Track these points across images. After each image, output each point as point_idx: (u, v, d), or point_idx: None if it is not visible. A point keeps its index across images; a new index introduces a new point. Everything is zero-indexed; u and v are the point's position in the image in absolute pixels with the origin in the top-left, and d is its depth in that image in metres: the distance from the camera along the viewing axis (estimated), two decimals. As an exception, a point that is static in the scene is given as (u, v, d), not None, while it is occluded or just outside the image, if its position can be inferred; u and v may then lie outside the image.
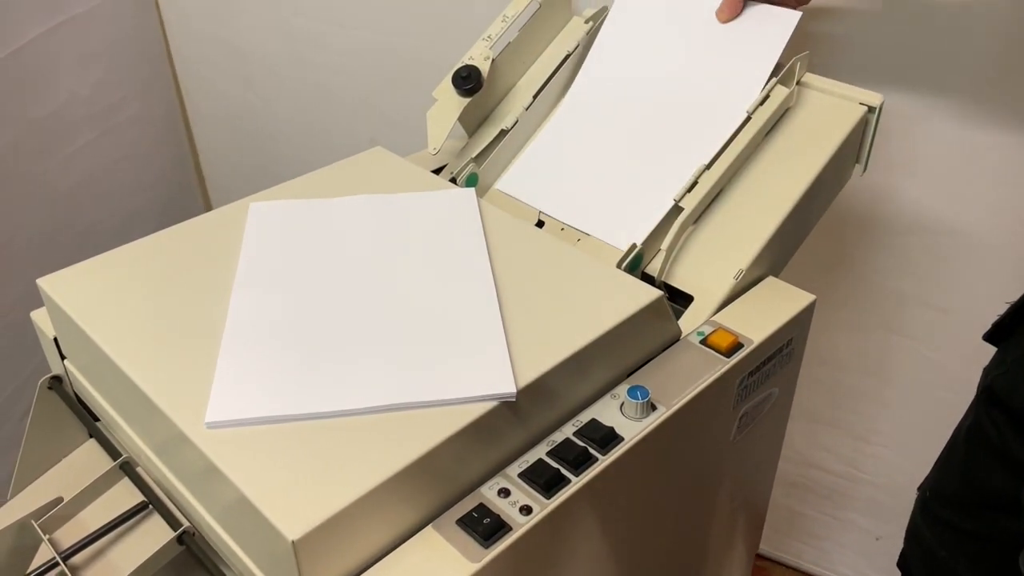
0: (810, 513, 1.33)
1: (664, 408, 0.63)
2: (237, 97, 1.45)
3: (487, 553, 0.53)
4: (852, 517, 1.29)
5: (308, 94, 1.38)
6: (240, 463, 0.52)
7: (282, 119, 1.44)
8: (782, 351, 0.73)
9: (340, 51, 1.31)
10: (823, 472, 1.28)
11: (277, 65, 1.38)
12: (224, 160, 1.56)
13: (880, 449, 1.22)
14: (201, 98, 1.50)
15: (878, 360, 1.14)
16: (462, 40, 0.88)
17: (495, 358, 0.59)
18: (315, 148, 1.43)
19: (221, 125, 1.52)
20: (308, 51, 1.33)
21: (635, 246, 0.74)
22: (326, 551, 0.50)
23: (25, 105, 1.12)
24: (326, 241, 0.72)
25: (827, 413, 1.22)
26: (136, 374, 0.59)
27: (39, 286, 0.68)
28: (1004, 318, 0.74)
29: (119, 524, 0.62)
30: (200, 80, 1.48)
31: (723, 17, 0.85)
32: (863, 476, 1.25)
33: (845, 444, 1.24)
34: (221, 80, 1.45)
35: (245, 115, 1.47)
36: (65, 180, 1.21)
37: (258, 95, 1.44)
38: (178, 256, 0.71)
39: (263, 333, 0.62)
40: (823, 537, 1.34)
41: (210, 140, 1.55)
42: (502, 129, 0.88)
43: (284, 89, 1.40)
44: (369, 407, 0.56)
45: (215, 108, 1.50)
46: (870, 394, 1.18)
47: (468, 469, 0.57)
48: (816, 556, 1.36)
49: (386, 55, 1.27)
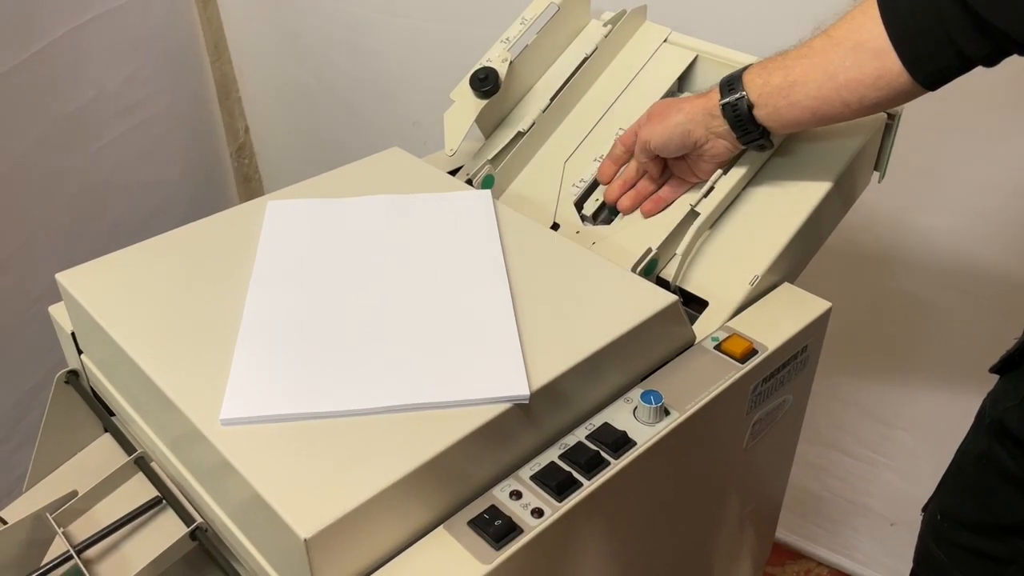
0: (826, 495, 1.32)
1: (677, 413, 0.63)
2: (289, 78, 1.51)
3: (498, 555, 0.53)
4: (868, 502, 1.28)
5: (356, 77, 1.42)
6: (254, 460, 0.53)
7: (331, 100, 1.48)
8: (797, 358, 0.73)
9: (388, 37, 1.35)
10: (842, 454, 1.27)
11: (328, 50, 1.43)
12: (275, 137, 1.62)
13: (901, 434, 1.20)
14: (253, 79, 1.55)
15: (903, 341, 1.14)
16: (505, 27, 0.89)
17: (509, 360, 0.59)
18: (361, 129, 1.47)
19: (272, 105, 1.57)
20: (358, 37, 1.38)
21: (650, 250, 0.74)
22: (338, 549, 0.50)
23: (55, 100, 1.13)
24: (342, 240, 0.72)
25: (850, 393, 1.21)
26: (152, 370, 0.59)
27: (58, 280, 0.69)
28: (1013, 351, 0.73)
29: (133, 519, 0.62)
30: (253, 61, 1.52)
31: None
32: (882, 460, 1.24)
33: (866, 426, 1.22)
34: (274, 62, 1.51)
35: (296, 95, 1.52)
36: (92, 175, 1.22)
37: (309, 76, 1.48)
38: (196, 253, 0.71)
39: (278, 331, 0.62)
40: (838, 521, 1.33)
41: (261, 119, 1.60)
42: (519, 131, 0.88)
43: (334, 72, 1.45)
44: (383, 407, 0.56)
45: (267, 89, 1.55)
46: (895, 376, 1.17)
47: (480, 471, 0.57)
48: (830, 540, 1.36)
49: (431, 41, 1.31)
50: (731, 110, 0.71)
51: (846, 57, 0.64)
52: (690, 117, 0.73)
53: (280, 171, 1.66)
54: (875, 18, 0.63)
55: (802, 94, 0.67)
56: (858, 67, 0.64)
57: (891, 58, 0.62)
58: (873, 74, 0.63)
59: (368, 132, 1.47)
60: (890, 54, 0.62)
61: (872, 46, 0.63)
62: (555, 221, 0.84)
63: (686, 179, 0.79)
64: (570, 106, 0.90)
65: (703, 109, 0.73)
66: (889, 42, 0.62)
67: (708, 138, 0.74)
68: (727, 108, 0.71)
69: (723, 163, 0.76)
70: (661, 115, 0.76)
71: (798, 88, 0.67)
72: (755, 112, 0.70)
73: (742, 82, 0.70)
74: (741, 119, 0.71)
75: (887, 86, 0.64)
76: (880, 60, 0.63)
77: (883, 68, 0.63)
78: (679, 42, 0.90)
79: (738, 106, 0.70)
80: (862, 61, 0.64)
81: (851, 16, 0.65)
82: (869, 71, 0.64)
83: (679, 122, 0.74)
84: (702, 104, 0.73)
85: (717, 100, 0.71)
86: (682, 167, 0.79)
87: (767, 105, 0.69)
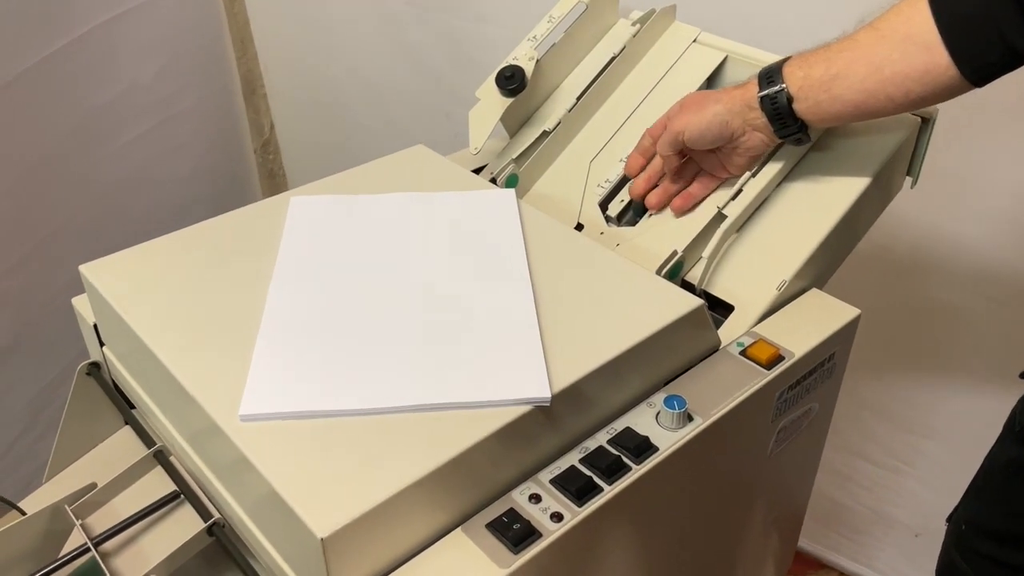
0: (850, 504, 1.30)
1: (701, 419, 0.62)
2: (314, 74, 1.51)
3: (516, 559, 0.52)
4: (893, 512, 1.26)
5: (386, 70, 1.43)
6: (272, 457, 0.52)
7: (357, 95, 1.49)
8: (823, 365, 0.72)
9: (418, 32, 1.35)
10: (867, 463, 1.25)
11: (355, 45, 1.43)
12: (300, 133, 1.63)
13: (927, 443, 1.18)
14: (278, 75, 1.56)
15: (932, 348, 1.12)
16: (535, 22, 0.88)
17: (530, 362, 0.58)
18: (390, 123, 1.47)
19: (297, 101, 1.58)
20: (388, 30, 1.38)
21: (676, 252, 0.73)
22: (355, 549, 0.49)
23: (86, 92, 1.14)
24: (365, 237, 0.72)
25: (876, 401, 1.19)
26: (172, 364, 0.59)
27: (81, 272, 0.69)
28: None
29: (151, 513, 0.62)
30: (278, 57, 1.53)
31: None
32: (907, 469, 1.22)
33: (892, 435, 1.20)
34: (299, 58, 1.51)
35: (322, 91, 1.52)
36: (120, 168, 1.22)
37: (336, 71, 1.49)
38: (218, 247, 0.71)
39: (299, 328, 0.62)
40: (862, 530, 1.31)
41: (286, 115, 1.61)
42: (544, 130, 0.87)
43: (361, 67, 1.45)
44: (402, 406, 0.55)
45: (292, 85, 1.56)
46: (923, 384, 1.15)
47: (500, 473, 0.57)
48: (854, 550, 1.34)
49: (461, 37, 1.30)
50: (770, 103, 0.69)
51: (893, 50, 0.63)
52: (728, 108, 0.72)
53: (304, 167, 1.67)
54: (924, 11, 0.62)
55: (845, 87, 0.66)
56: (905, 60, 0.63)
57: (940, 52, 0.61)
58: (921, 68, 0.63)
59: (395, 126, 1.47)
60: (939, 48, 0.61)
61: (921, 39, 0.62)
62: (579, 221, 0.83)
63: (716, 174, 0.77)
64: (596, 106, 0.89)
65: (741, 101, 0.71)
66: (938, 35, 0.61)
67: (745, 130, 0.72)
68: (765, 101, 0.69)
69: (758, 157, 0.75)
70: (697, 105, 0.74)
71: (841, 81, 0.66)
72: (795, 105, 0.69)
73: (782, 74, 0.69)
74: (780, 112, 0.69)
75: (934, 81, 0.63)
76: (929, 54, 0.62)
77: (931, 62, 0.62)
78: (708, 42, 0.89)
79: (777, 99, 0.69)
80: (910, 54, 0.63)
81: (898, 9, 0.64)
82: (917, 65, 0.63)
83: (717, 112, 0.72)
84: (740, 95, 0.71)
85: (755, 92, 0.70)
86: (712, 162, 0.77)
87: (807, 98, 0.68)
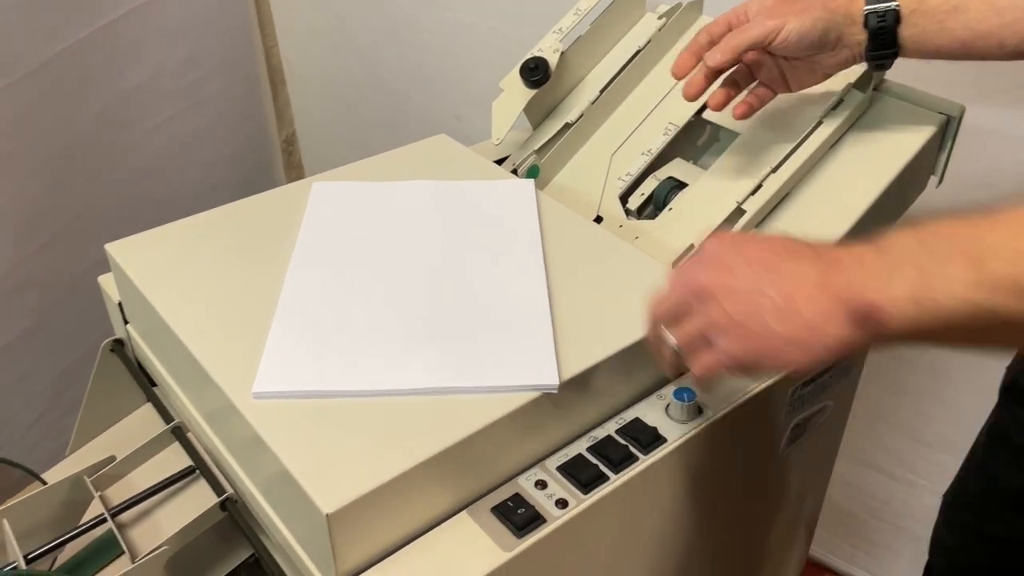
0: (863, 516, 1.29)
1: (711, 412, 0.62)
2: (334, 67, 1.52)
3: (520, 543, 0.53)
4: (907, 524, 1.25)
5: (401, 68, 1.43)
6: (282, 434, 0.53)
7: (375, 91, 1.50)
8: (839, 364, 0.71)
9: (434, 31, 1.35)
10: (881, 475, 1.23)
11: (374, 42, 1.44)
12: (318, 125, 1.64)
13: (943, 455, 1.17)
14: (300, 66, 1.57)
15: (948, 362, 1.10)
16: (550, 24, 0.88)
17: (540, 349, 0.59)
18: (403, 121, 1.48)
19: (317, 94, 1.59)
20: (404, 28, 1.38)
21: (692, 246, 0.73)
22: (360, 527, 0.50)
23: (116, 76, 1.16)
24: (384, 223, 0.73)
25: (890, 412, 1.18)
26: (190, 341, 0.61)
27: (107, 251, 0.71)
28: None
29: (166, 487, 0.64)
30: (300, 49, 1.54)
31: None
32: (922, 482, 1.20)
33: (907, 447, 1.19)
34: (320, 51, 1.52)
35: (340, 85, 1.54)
36: (147, 152, 1.25)
37: (354, 66, 1.50)
38: (240, 230, 0.72)
39: (315, 309, 0.63)
40: (876, 542, 1.30)
41: (305, 108, 1.62)
42: (567, 122, 0.87)
43: (379, 63, 1.46)
44: (413, 389, 0.56)
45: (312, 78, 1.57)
46: (935, 395, 1.13)
47: (506, 458, 0.57)
48: (867, 561, 1.32)
49: (477, 36, 1.30)
50: (876, 20, 0.65)
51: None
52: (830, 16, 0.67)
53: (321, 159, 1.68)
54: None
55: (960, 23, 0.63)
56: None
57: None
58: None
59: (411, 125, 1.48)
60: None
61: None
62: (598, 214, 0.83)
63: (774, 88, 0.73)
64: (620, 99, 0.89)
65: (844, 12, 0.67)
66: None
67: (837, 44, 0.68)
68: (871, 17, 0.65)
69: (830, 75, 0.71)
70: (794, 6, 0.67)
71: (957, 15, 0.63)
72: (900, 29, 0.65)
73: None
74: (884, 32, 0.65)
75: None
76: None
77: None
78: (734, 37, 0.88)
79: (885, 17, 0.65)
80: None
81: None
82: None
83: (820, 18, 0.66)
84: (844, 6, 0.67)
85: (861, 5, 0.66)
86: (774, 74, 0.72)
87: (917, 24, 0.64)
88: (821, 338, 0.42)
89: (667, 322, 0.51)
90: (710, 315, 0.47)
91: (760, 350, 0.45)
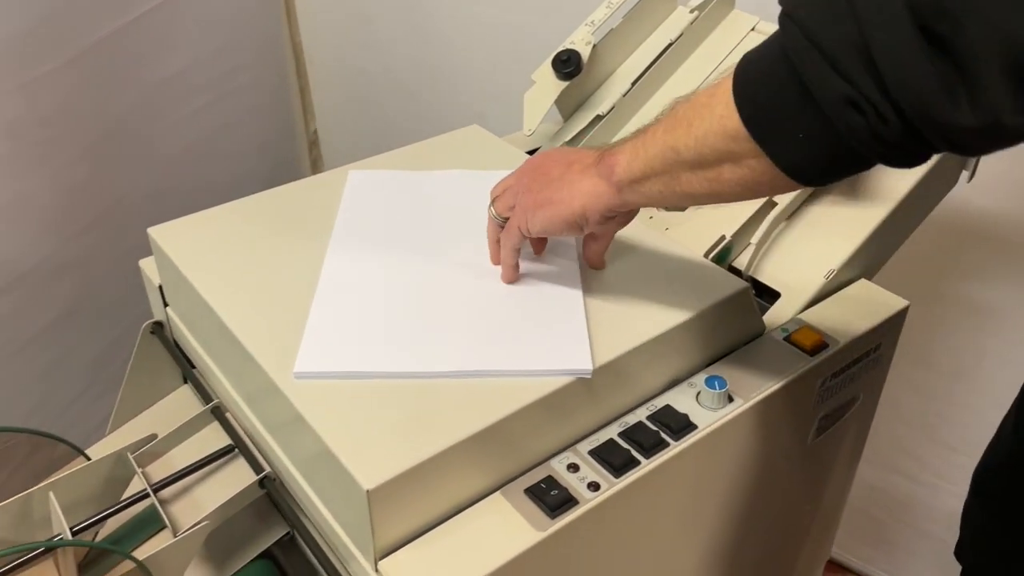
0: (884, 519, 1.28)
1: (741, 400, 0.63)
2: (355, 63, 1.53)
3: (553, 523, 0.54)
4: (928, 527, 1.24)
5: (422, 65, 1.44)
6: (323, 413, 0.55)
7: (396, 87, 1.50)
8: (869, 355, 0.72)
9: (454, 26, 1.36)
10: (904, 478, 1.23)
11: (395, 38, 1.45)
12: (339, 122, 1.65)
13: (966, 459, 1.16)
14: (322, 63, 1.58)
15: (972, 365, 1.10)
16: (577, 22, 0.89)
17: (574, 335, 0.60)
18: (425, 117, 1.49)
19: (338, 89, 1.60)
20: (425, 24, 1.39)
21: (724, 237, 0.74)
22: (398, 504, 0.51)
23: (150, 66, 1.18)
24: (419, 211, 0.74)
25: (915, 416, 1.18)
26: (233, 323, 0.62)
27: (149, 235, 0.72)
28: None
29: (206, 464, 0.65)
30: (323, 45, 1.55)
31: None
32: (946, 487, 1.20)
33: (930, 450, 1.19)
34: (343, 46, 1.53)
35: (362, 80, 1.54)
36: (179, 141, 1.27)
37: (376, 62, 1.50)
38: (279, 215, 0.74)
39: (353, 293, 0.64)
40: (896, 545, 1.29)
41: (327, 102, 1.63)
42: (598, 114, 0.88)
43: (400, 59, 1.46)
44: (449, 371, 0.57)
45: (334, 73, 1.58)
46: (961, 400, 1.13)
47: (540, 441, 0.58)
48: (887, 564, 1.32)
49: (500, 33, 1.31)
50: None
51: None
52: None
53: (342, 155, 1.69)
54: None
55: None
56: None
57: None
58: None
59: (432, 121, 1.48)
60: None
61: None
62: (629, 205, 0.83)
63: None
64: (651, 92, 0.90)
65: None
66: None
67: None
68: None
69: None
70: None
71: None
72: None
73: None
74: None
75: None
76: None
77: None
78: (767, 31, 0.89)
79: None
80: None
81: None
82: None
83: None
84: None
85: None
86: None
87: None
88: (580, 188, 0.60)
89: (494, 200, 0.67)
90: (517, 190, 0.64)
91: (543, 203, 0.61)
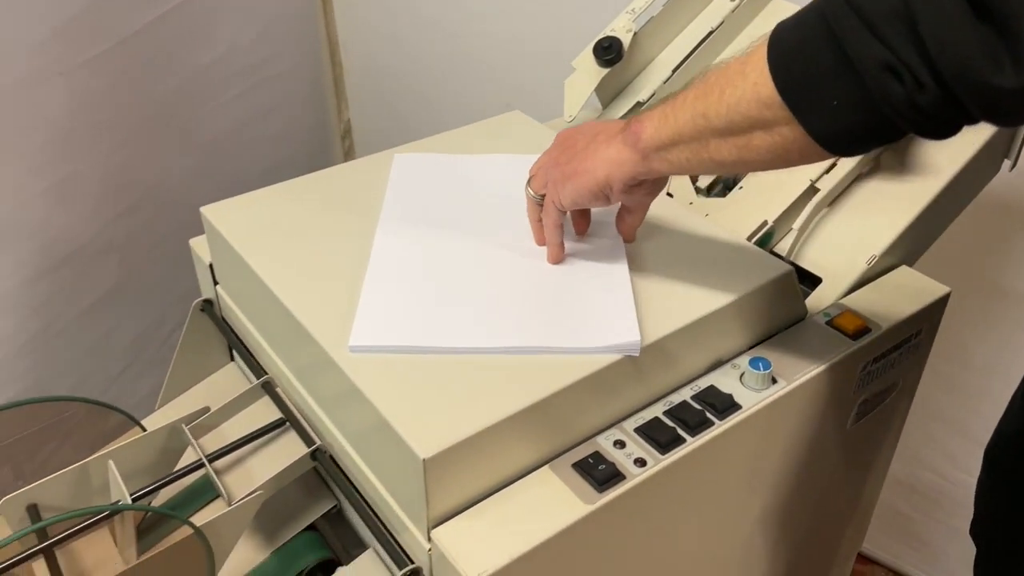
0: (915, 515, 1.29)
1: (784, 382, 0.64)
2: (389, 52, 1.54)
3: (601, 497, 0.55)
4: (960, 525, 1.24)
5: (452, 57, 1.45)
6: (378, 385, 0.56)
7: (427, 78, 1.51)
8: (910, 341, 0.72)
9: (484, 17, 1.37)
10: (935, 475, 1.23)
11: (427, 27, 1.45)
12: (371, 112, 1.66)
13: None
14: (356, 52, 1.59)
15: (1008, 361, 1.10)
16: (604, 15, 0.89)
17: (622, 314, 0.61)
18: (453, 108, 1.50)
19: (372, 79, 1.61)
20: (456, 14, 1.40)
21: (766, 222, 0.74)
22: (452, 474, 0.53)
23: (190, 53, 1.20)
24: (464, 193, 0.75)
25: (948, 412, 1.18)
26: (287, 299, 0.64)
27: (202, 213, 0.74)
28: None
29: (258, 436, 0.67)
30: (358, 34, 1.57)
31: None
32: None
33: (962, 446, 1.19)
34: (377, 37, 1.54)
35: (394, 69, 1.56)
36: (218, 126, 1.29)
37: (407, 54, 1.52)
38: (328, 196, 0.75)
39: (404, 270, 0.65)
40: (927, 541, 1.30)
41: (361, 91, 1.65)
42: (638, 101, 0.89)
43: (432, 49, 1.48)
44: (500, 347, 0.58)
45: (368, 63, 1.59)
46: (991, 395, 1.13)
47: (587, 417, 0.59)
48: (917, 560, 1.32)
49: (536, 23, 1.31)
50: None
51: None
52: None
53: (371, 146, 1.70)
54: None
55: None
56: None
57: None
58: None
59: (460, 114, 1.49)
60: None
61: None
62: (668, 192, 0.84)
63: None
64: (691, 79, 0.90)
65: None
66: None
67: None
68: None
69: None
70: None
71: None
72: None
73: None
74: None
75: None
76: None
77: None
78: (808, 20, 0.89)
79: None
80: None
81: None
82: None
83: None
84: None
85: None
86: None
87: None
88: (604, 157, 0.61)
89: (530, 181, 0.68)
90: (548, 167, 0.66)
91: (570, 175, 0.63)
